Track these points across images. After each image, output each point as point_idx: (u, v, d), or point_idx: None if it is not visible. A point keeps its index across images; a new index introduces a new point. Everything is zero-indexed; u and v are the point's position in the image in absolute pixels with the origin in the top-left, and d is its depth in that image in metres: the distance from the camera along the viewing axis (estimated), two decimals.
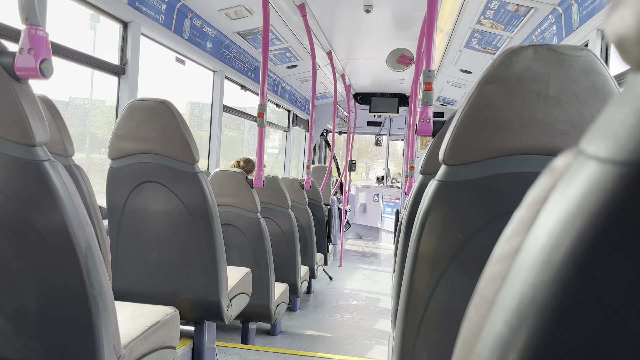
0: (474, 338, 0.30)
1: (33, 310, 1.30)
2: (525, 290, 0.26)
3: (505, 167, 1.06)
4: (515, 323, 0.26)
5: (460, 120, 1.08)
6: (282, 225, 3.70)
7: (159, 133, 2.03)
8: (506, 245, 0.29)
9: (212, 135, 4.54)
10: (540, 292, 0.25)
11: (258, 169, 3.01)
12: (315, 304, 4.77)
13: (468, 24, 3.87)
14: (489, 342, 0.27)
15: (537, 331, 0.25)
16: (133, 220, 2.14)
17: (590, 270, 0.24)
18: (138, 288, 2.20)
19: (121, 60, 3.06)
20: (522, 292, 0.26)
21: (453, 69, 5.27)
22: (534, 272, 0.26)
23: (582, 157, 0.26)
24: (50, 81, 1.27)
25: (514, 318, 0.26)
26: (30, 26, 1.20)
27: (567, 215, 0.25)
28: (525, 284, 0.26)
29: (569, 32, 3.04)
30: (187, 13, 3.54)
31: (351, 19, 4.34)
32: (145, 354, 1.61)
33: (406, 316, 1.20)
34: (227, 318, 2.26)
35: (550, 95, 1.00)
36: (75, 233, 1.25)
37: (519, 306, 0.26)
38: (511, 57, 1.03)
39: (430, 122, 1.90)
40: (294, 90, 6.85)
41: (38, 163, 1.21)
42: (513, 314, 0.26)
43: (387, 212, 9.02)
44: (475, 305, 0.31)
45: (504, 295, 0.27)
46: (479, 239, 1.08)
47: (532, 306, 0.25)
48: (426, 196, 1.16)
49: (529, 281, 0.26)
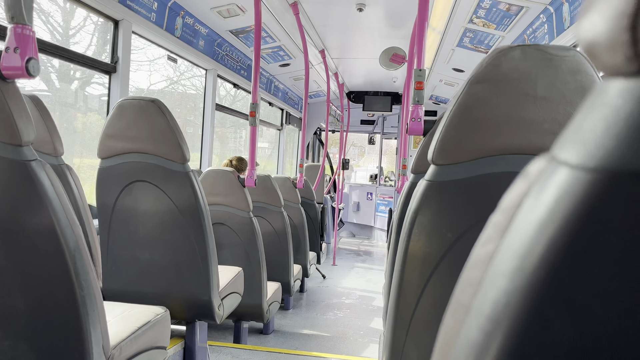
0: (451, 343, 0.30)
1: (21, 311, 1.29)
2: (499, 296, 0.26)
3: (494, 167, 1.06)
4: (489, 329, 0.26)
5: (449, 120, 1.08)
6: (275, 224, 3.70)
7: (149, 132, 2.02)
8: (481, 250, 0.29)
9: (204, 134, 4.53)
10: (513, 298, 0.25)
11: (250, 168, 3.00)
12: (308, 303, 4.77)
13: (460, 23, 3.87)
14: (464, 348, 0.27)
15: (510, 337, 0.25)
16: (123, 220, 2.13)
17: (562, 276, 0.24)
18: (129, 288, 2.19)
19: (112, 58, 3.04)
20: (495, 298, 0.26)
21: (446, 68, 5.28)
22: (507, 278, 0.26)
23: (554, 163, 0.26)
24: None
25: (488, 324, 0.26)
26: (17, 25, 1.19)
27: (540, 221, 0.25)
28: (498, 290, 0.26)
29: (560, 31, 3.05)
30: (179, 11, 3.52)
31: (344, 17, 4.34)
32: (135, 354, 1.60)
33: (396, 314, 1.20)
34: (219, 317, 2.25)
35: (539, 95, 1.01)
36: (63, 233, 1.24)
37: (492, 312, 0.26)
38: (499, 57, 1.03)
39: (422, 122, 1.90)
40: (287, 89, 6.84)
41: (25, 163, 1.20)
42: (487, 320, 0.26)
43: (381, 211, 9.04)
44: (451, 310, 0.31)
45: (478, 301, 0.27)
46: (468, 239, 1.08)
47: (506, 312, 0.25)
48: (415, 195, 1.16)
49: (502, 287, 0.26)
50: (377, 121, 9.01)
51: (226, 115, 5.66)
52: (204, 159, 4.53)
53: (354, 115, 8.51)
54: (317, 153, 9.50)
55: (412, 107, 1.93)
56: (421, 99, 1.95)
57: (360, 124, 8.99)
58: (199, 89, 4.97)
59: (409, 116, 1.93)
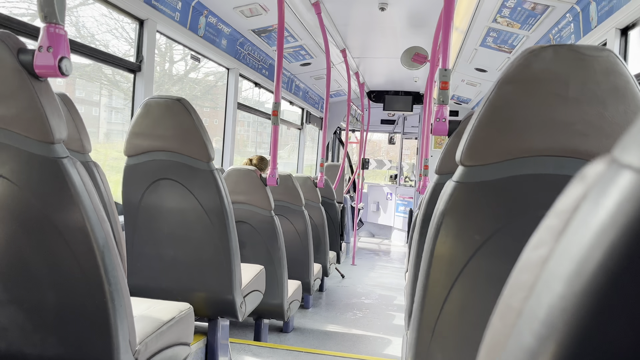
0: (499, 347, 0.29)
1: (51, 305, 1.31)
2: (555, 300, 0.26)
3: (524, 169, 1.04)
4: (544, 334, 0.26)
5: (478, 120, 1.07)
6: (296, 223, 3.71)
7: (175, 131, 2.04)
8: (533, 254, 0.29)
9: (225, 133, 4.56)
10: (570, 302, 0.25)
11: (272, 167, 3.01)
12: (327, 302, 4.77)
13: (484, 23, 3.83)
14: (515, 352, 0.27)
15: (566, 343, 0.25)
16: (149, 217, 2.15)
17: (623, 283, 0.24)
18: (153, 284, 2.22)
19: (137, 57, 3.08)
20: (551, 302, 0.26)
21: (468, 68, 5.23)
22: (564, 282, 0.25)
23: (615, 166, 0.25)
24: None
25: (542, 329, 0.26)
26: (49, 24, 1.21)
27: (599, 225, 0.25)
28: (554, 295, 0.26)
29: (587, 31, 3.00)
30: (203, 10, 3.55)
31: (366, 16, 4.33)
32: (160, 350, 1.62)
33: (421, 317, 1.19)
34: (241, 315, 2.27)
35: (570, 95, 0.99)
36: (93, 229, 1.26)
37: (547, 316, 0.26)
38: (530, 57, 1.02)
39: (446, 122, 1.89)
40: (307, 88, 6.84)
41: (57, 160, 1.22)
42: (541, 325, 0.26)
43: (400, 211, 8.99)
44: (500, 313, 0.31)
45: (531, 305, 0.27)
46: (496, 241, 1.07)
47: (562, 317, 0.25)
48: (442, 197, 1.15)
49: (558, 292, 0.26)
50: (397, 121, 8.97)
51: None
52: (226, 157, 4.56)
53: (374, 115, 8.48)
54: (336, 152, 9.50)
55: (437, 107, 1.92)
56: (446, 99, 1.94)
57: (380, 124, 8.96)
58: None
59: (434, 116, 1.92)
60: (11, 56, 1.17)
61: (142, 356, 1.49)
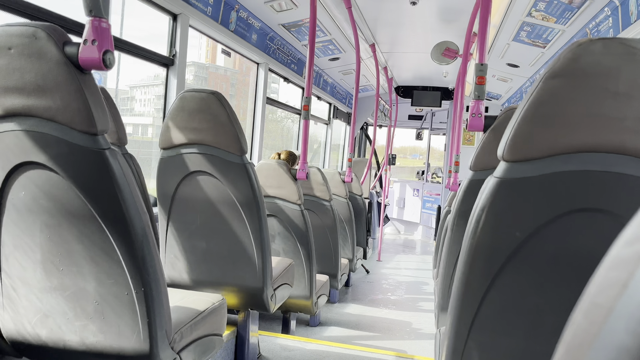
0: (583, 345, 0.29)
1: (91, 293, 1.34)
2: None
3: (569, 165, 1.02)
4: None
5: (522, 115, 1.05)
6: (323, 218, 3.71)
7: (210, 124, 2.06)
8: (625, 250, 0.28)
9: (254, 127, 4.58)
10: None
11: (302, 161, 3.02)
12: (353, 297, 4.77)
13: (518, 17, 3.76)
14: (608, 351, 0.26)
15: None
16: (182, 209, 2.18)
17: None
18: (185, 275, 2.25)
19: (170, 51, 3.12)
20: None
21: (499, 63, 5.15)
22: None
23: None
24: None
25: None
26: (94, 18, 1.23)
27: None
28: None
29: (626, 25, 2.92)
30: (234, 5, 3.57)
31: (396, 11, 4.29)
32: (194, 340, 1.64)
33: (459, 314, 1.18)
34: (271, 307, 2.29)
35: (620, 90, 0.96)
36: (132, 220, 1.28)
37: None
38: (579, 50, 0.99)
39: (482, 117, 1.86)
40: (335, 83, 6.83)
41: (100, 151, 1.25)
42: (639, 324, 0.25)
43: (427, 208, 8.92)
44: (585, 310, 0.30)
45: (626, 303, 0.26)
46: (539, 238, 1.05)
47: None
48: (482, 193, 1.13)
49: None
50: (425, 117, 8.89)
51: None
52: (254, 152, 4.58)
53: (402, 110, 8.42)
54: (363, 148, 9.46)
55: (473, 102, 1.90)
56: (482, 94, 1.91)
57: (407, 119, 8.89)
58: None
59: (469, 112, 1.89)
60: (57, 49, 1.20)
61: (178, 345, 1.51)
